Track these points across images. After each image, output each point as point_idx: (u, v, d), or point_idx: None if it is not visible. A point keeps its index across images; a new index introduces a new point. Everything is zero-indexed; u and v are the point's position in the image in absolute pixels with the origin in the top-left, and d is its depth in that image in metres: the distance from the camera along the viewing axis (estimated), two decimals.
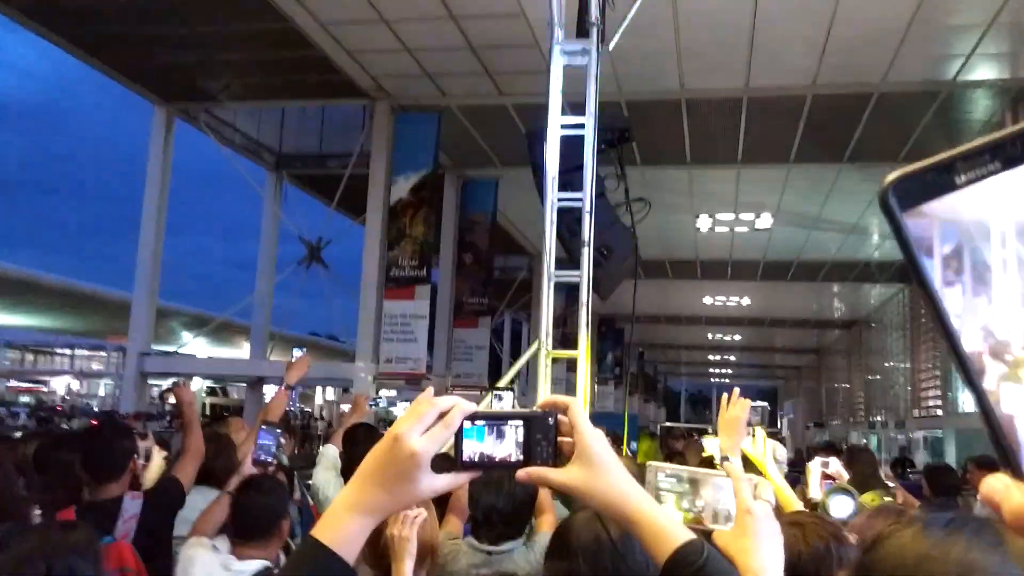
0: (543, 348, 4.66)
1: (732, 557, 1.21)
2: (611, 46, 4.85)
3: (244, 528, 2.83)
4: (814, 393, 36.99)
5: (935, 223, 0.49)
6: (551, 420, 1.08)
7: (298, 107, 11.27)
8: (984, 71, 8.73)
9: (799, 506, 3.01)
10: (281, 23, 8.27)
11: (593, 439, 1.07)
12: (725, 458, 2.68)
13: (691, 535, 1.06)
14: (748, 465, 3.40)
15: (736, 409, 2.73)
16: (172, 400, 4.52)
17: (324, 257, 11.82)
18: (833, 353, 32.14)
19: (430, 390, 1.12)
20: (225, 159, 11.50)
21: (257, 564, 2.71)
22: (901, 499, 4.79)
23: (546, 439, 1.08)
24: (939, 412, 18.46)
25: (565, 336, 12.33)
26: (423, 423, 1.02)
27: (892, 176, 0.48)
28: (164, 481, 3.53)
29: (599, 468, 1.06)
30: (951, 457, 16.18)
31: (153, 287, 10.81)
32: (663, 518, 1.08)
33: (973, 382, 0.47)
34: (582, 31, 4.81)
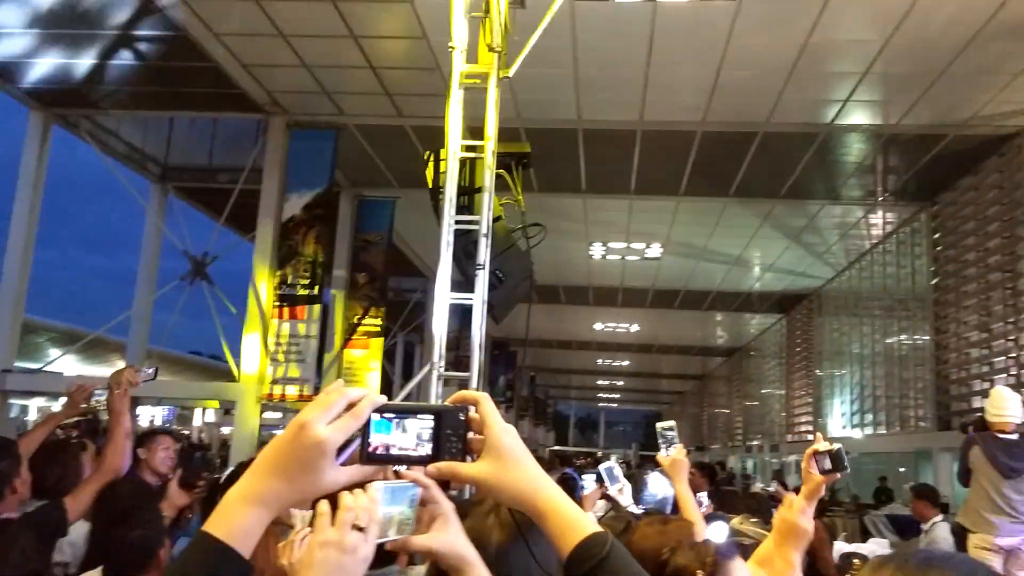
0: (435, 370, 4.63)
1: None
2: (511, 72, 4.91)
3: (121, 563, 2.67)
4: (696, 418, 38.06)
5: None
6: (462, 415, 1.05)
7: (187, 118, 10.87)
8: (858, 116, 9.29)
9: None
10: (172, 31, 8.01)
11: (504, 432, 1.05)
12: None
13: (598, 527, 1.05)
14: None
15: (676, 453, 3.40)
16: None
17: (210, 273, 11.40)
18: (715, 379, 33.21)
19: (340, 380, 1.07)
20: (106, 169, 10.98)
21: None
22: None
23: (456, 434, 1.04)
24: (810, 437, 19.17)
25: (458, 359, 12.30)
26: (331, 412, 0.98)
27: None
28: (46, 507, 3.21)
29: (510, 461, 1.04)
30: None
31: (19, 300, 10.14)
32: (573, 511, 1.06)
33: None
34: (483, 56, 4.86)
